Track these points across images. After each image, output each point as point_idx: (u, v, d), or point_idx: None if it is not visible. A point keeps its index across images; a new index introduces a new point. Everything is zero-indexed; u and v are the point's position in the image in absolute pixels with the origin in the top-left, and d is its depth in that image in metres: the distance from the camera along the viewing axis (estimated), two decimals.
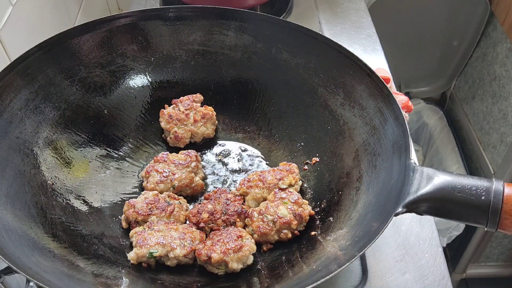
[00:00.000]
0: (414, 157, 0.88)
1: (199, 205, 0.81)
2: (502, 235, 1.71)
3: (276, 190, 0.81)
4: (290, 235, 0.77)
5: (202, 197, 0.86)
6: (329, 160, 0.87)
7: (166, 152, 0.88)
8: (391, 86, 1.07)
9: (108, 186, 0.86)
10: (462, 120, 1.98)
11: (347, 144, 0.84)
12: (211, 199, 0.81)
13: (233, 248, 0.71)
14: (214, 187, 0.88)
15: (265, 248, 0.77)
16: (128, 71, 0.95)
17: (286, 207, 0.77)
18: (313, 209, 0.81)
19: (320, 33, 0.90)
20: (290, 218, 0.76)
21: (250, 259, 0.73)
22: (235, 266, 0.71)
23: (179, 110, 0.93)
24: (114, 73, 0.93)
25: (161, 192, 0.83)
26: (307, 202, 0.80)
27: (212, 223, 0.78)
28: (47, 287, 0.58)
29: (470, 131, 1.91)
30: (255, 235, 0.76)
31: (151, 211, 0.78)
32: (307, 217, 0.78)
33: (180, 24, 0.95)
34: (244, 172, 0.91)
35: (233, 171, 0.91)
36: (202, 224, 0.78)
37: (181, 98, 0.95)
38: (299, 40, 0.90)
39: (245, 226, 0.79)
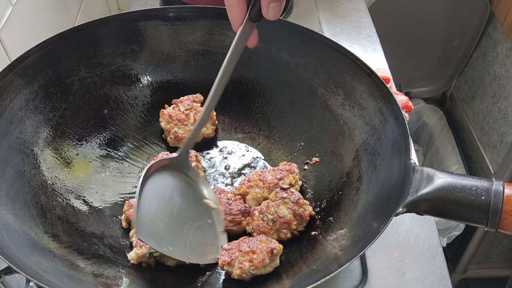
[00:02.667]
0: (414, 157, 0.88)
1: None
2: (502, 235, 1.71)
3: (278, 189, 0.81)
4: (289, 235, 0.77)
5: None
6: (329, 160, 0.87)
7: (166, 152, 0.88)
8: (391, 86, 1.07)
9: (108, 186, 0.86)
10: (462, 120, 1.98)
11: (347, 144, 0.84)
12: None
13: (257, 265, 0.69)
14: (214, 186, 0.88)
15: None
16: (128, 71, 0.95)
17: (287, 207, 0.77)
18: (313, 209, 0.81)
19: (320, 33, 0.90)
20: (290, 218, 0.76)
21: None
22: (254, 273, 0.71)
23: (179, 110, 0.93)
24: (114, 73, 0.93)
25: None
26: (308, 202, 0.80)
27: None
28: (47, 287, 0.58)
29: (470, 131, 1.91)
30: (255, 234, 0.76)
31: None
32: (308, 218, 0.78)
33: (180, 24, 0.95)
34: (244, 172, 0.91)
35: (233, 171, 0.91)
36: None
37: (181, 98, 0.95)
38: (299, 40, 0.90)
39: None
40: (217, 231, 0.76)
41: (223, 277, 0.73)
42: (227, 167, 0.92)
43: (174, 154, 0.78)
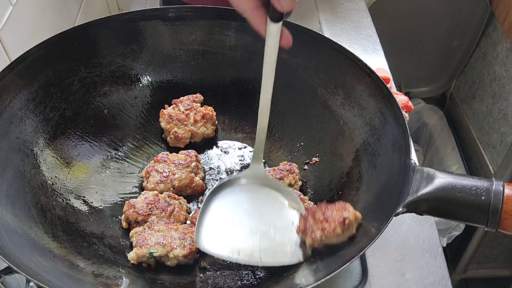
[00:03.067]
0: (414, 157, 0.88)
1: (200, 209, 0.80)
2: (502, 235, 1.71)
3: None
4: None
5: (201, 202, 0.85)
6: (329, 160, 0.87)
7: (166, 152, 0.88)
8: (391, 86, 1.07)
9: (108, 186, 0.86)
10: (462, 120, 1.98)
11: (347, 144, 0.84)
12: None
13: (327, 235, 0.67)
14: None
15: None
16: (128, 71, 0.95)
17: None
18: None
19: (320, 33, 0.90)
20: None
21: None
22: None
23: (179, 110, 0.93)
24: (114, 73, 0.93)
25: (161, 192, 0.83)
26: (307, 197, 0.81)
27: None
28: (47, 287, 0.58)
29: (470, 131, 1.91)
30: None
31: (151, 211, 0.78)
32: None
33: (180, 24, 0.95)
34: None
35: (233, 171, 0.91)
36: None
37: (181, 98, 0.95)
38: (299, 40, 0.90)
39: None
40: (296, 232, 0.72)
41: (224, 275, 0.74)
42: (227, 167, 0.92)
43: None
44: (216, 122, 0.96)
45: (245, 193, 0.76)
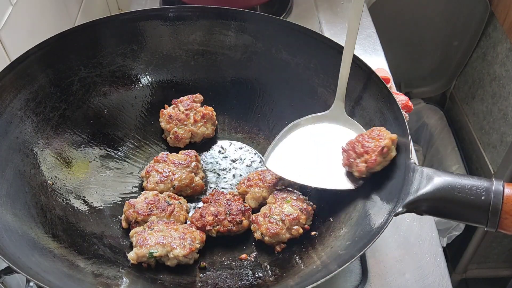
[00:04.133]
0: (414, 157, 0.88)
1: (200, 209, 0.80)
2: (502, 235, 1.71)
3: (274, 192, 0.81)
4: (301, 230, 0.76)
5: (201, 202, 0.85)
6: None
7: (166, 152, 0.88)
8: (391, 86, 1.07)
9: (108, 186, 0.86)
10: (462, 120, 1.98)
11: None
12: (211, 202, 0.81)
13: (370, 166, 0.72)
14: (214, 187, 0.88)
15: (279, 249, 0.77)
16: (128, 71, 0.95)
17: (290, 204, 0.78)
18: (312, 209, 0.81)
19: (320, 33, 0.90)
20: (298, 213, 0.76)
21: None
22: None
23: (179, 110, 0.93)
24: (114, 73, 0.93)
25: (161, 192, 0.83)
26: (306, 197, 0.81)
27: (218, 224, 0.78)
28: (47, 287, 0.58)
29: (470, 131, 1.91)
30: (266, 238, 0.76)
31: (151, 211, 0.78)
32: (312, 212, 0.79)
33: (180, 24, 0.95)
34: (244, 172, 0.91)
35: (233, 171, 0.91)
36: (208, 227, 0.77)
37: (181, 98, 0.95)
38: (299, 40, 0.90)
39: (250, 225, 0.79)
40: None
41: (225, 275, 0.74)
42: (226, 167, 0.92)
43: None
44: (216, 122, 0.96)
45: (319, 129, 0.85)
